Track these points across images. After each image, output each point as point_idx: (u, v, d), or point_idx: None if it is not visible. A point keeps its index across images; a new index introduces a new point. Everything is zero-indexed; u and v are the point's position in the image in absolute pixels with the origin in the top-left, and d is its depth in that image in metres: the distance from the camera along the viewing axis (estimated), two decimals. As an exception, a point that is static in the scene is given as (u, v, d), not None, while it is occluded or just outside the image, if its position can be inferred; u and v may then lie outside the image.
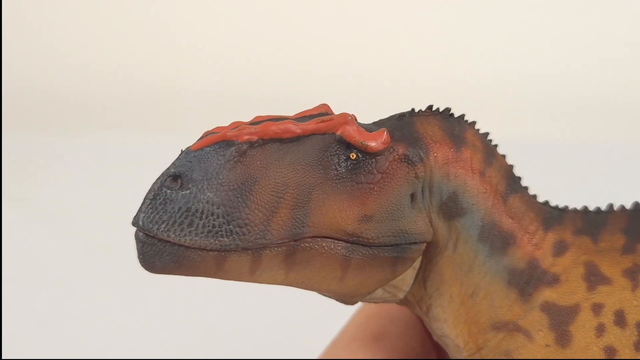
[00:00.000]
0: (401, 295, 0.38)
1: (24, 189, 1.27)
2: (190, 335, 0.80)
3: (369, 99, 1.53)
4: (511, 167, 0.38)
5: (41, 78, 1.74)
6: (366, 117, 0.37)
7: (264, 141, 0.32)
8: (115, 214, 1.10)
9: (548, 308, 0.36)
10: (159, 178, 0.31)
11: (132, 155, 1.41)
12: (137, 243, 0.31)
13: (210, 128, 0.33)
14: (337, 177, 0.33)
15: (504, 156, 0.38)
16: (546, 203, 0.39)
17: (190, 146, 0.32)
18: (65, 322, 0.84)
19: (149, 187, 0.31)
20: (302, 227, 0.32)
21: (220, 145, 0.31)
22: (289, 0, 1.78)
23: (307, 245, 0.32)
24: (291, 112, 0.35)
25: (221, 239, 0.30)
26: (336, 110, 0.36)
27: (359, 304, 0.47)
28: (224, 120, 0.35)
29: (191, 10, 1.79)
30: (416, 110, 0.37)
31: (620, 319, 0.35)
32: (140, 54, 1.77)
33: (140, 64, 1.76)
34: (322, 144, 0.33)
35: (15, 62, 1.75)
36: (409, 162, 0.34)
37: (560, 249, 0.37)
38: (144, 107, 1.66)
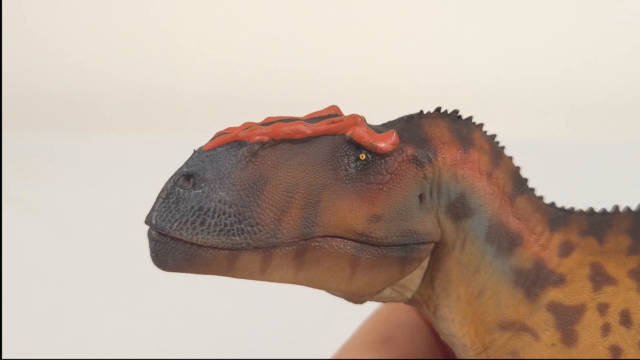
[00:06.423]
0: (409, 295, 0.38)
1: (24, 189, 1.27)
2: (193, 336, 0.80)
3: (378, 101, 1.53)
4: (518, 168, 0.39)
5: (41, 78, 1.73)
6: (375, 119, 0.38)
7: (275, 142, 0.32)
8: (115, 214, 1.10)
9: (554, 308, 0.36)
10: (171, 177, 0.31)
11: (132, 156, 1.41)
12: (149, 241, 0.31)
13: (221, 129, 0.33)
14: (347, 178, 0.33)
15: (511, 158, 0.38)
16: (552, 204, 0.39)
17: (202, 146, 0.32)
18: (65, 322, 0.84)
19: (162, 186, 0.31)
20: (312, 226, 0.32)
21: (232, 146, 0.31)
22: (298, 2, 1.78)
23: (317, 244, 0.33)
24: (301, 113, 0.35)
25: (233, 237, 0.31)
26: (346, 112, 0.36)
27: (370, 307, 0.48)
28: (234, 122, 0.35)
29: (201, 10, 1.79)
30: (425, 112, 0.37)
31: (625, 319, 0.36)
32: (143, 55, 1.77)
33: (143, 64, 1.76)
34: (332, 145, 0.33)
35: (15, 62, 1.75)
36: (418, 163, 0.35)
37: (566, 249, 0.37)
38: (144, 107, 1.66)
